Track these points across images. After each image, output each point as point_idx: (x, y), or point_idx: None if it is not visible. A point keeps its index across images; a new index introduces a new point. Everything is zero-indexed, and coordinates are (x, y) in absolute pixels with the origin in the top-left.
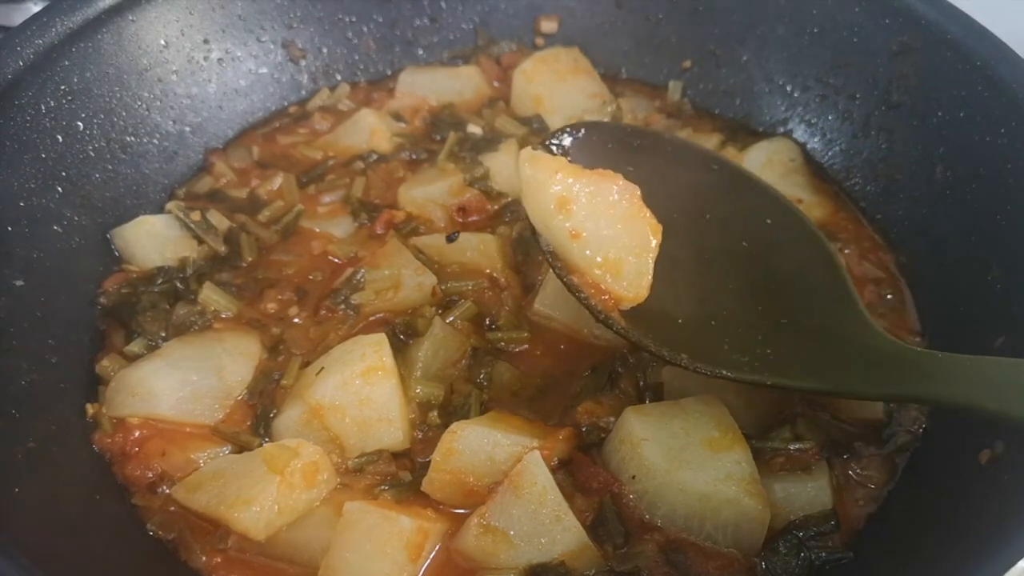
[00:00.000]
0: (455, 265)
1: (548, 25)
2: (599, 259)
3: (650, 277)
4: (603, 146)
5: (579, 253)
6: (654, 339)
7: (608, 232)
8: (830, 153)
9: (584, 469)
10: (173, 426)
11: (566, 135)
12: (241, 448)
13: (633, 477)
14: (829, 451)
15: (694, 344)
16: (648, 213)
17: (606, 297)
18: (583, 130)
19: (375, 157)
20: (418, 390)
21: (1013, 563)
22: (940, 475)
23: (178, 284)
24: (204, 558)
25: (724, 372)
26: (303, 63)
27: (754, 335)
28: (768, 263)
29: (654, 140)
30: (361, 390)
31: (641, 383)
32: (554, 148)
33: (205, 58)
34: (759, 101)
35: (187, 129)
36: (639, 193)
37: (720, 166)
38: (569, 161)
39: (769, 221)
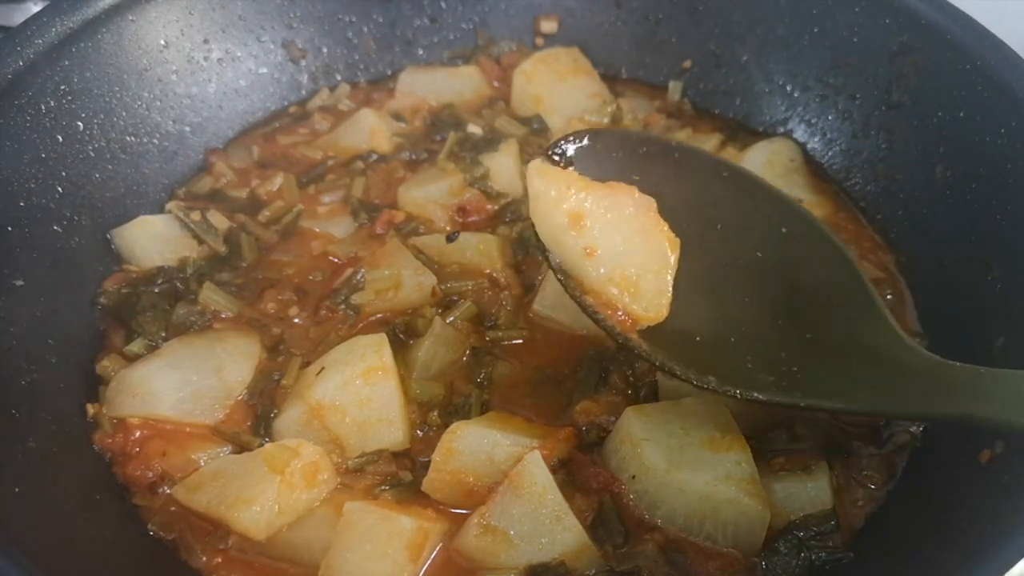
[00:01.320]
0: (455, 265)
1: (548, 25)
2: (616, 277)
3: (670, 295)
4: (608, 154)
5: (594, 272)
6: (678, 361)
7: (624, 248)
8: (830, 153)
9: (584, 469)
10: (173, 426)
11: (569, 143)
12: (241, 448)
13: (633, 477)
14: (829, 451)
15: (719, 365)
16: (665, 227)
17: (623, 317)
18: (587, 138)
19: (375, 157)
20: (418, 390)
21: (1013, 563)
22: (940, 475)
23: (178, 284)
24: (204, 558)
25: (756, 395)
26: (303, 63)
27: (778, 352)
28: (786, 274)
29: (661, 147)
30: (361, 390)
31: (631, 377)
32: (556, 157)
33: (205, 58)
34: (759, 101)
35: (187, 129)
36: (655, 206)
37: (730, 172)
38: (577, 172)
39: (784, 230)
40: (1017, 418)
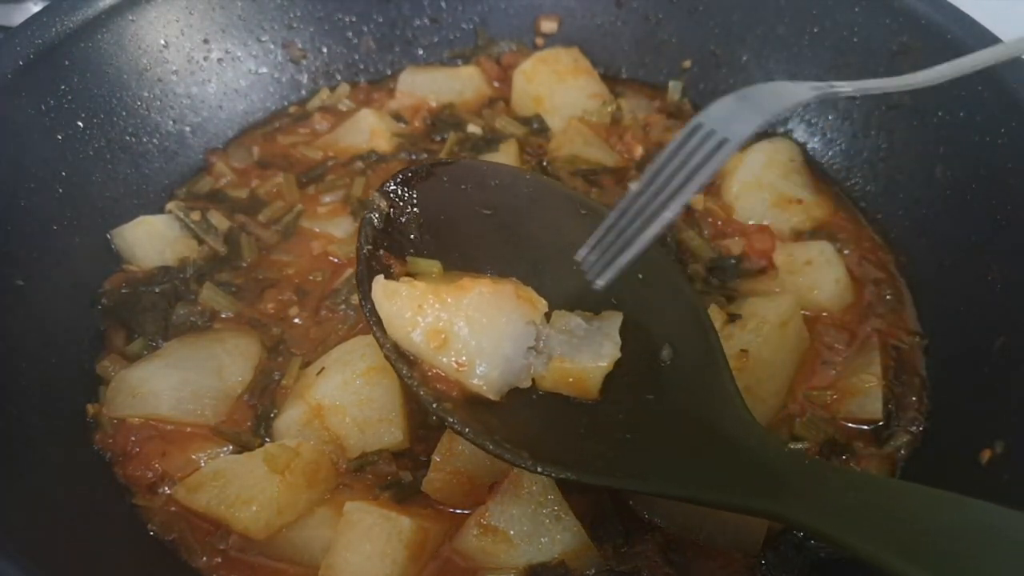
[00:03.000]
0: None
1: (548, 25)
2: (462, 359)
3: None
4: (456, 187)
5: (443, 359)
6: (496, 432)
7: (480, 336)
8: (830, 153)
9: None
10: (174, 426)
11: (402, 183)
12: (242, 448)
13: None
14: (829, 451)
15: (544, 433)
16: (530, 296)
17: (449, 387)
18: (433, 169)
19: (375, 157)
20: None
21: None
22: (940, 475)
23: (178, 284)
24: (204, 558)
25: (569, 475)
26: (303, 63)
27: (615, 413)
28: (637, 325)
29: (512, 179)
30: (361, 390)
31: None
32: (393, 196)
33: (205, 58)
34: None
35: (187, 129)
36: (510, 289)
37: (588, 211)
38: (417, 203)
39: (641, 276)
40: (819, 526)
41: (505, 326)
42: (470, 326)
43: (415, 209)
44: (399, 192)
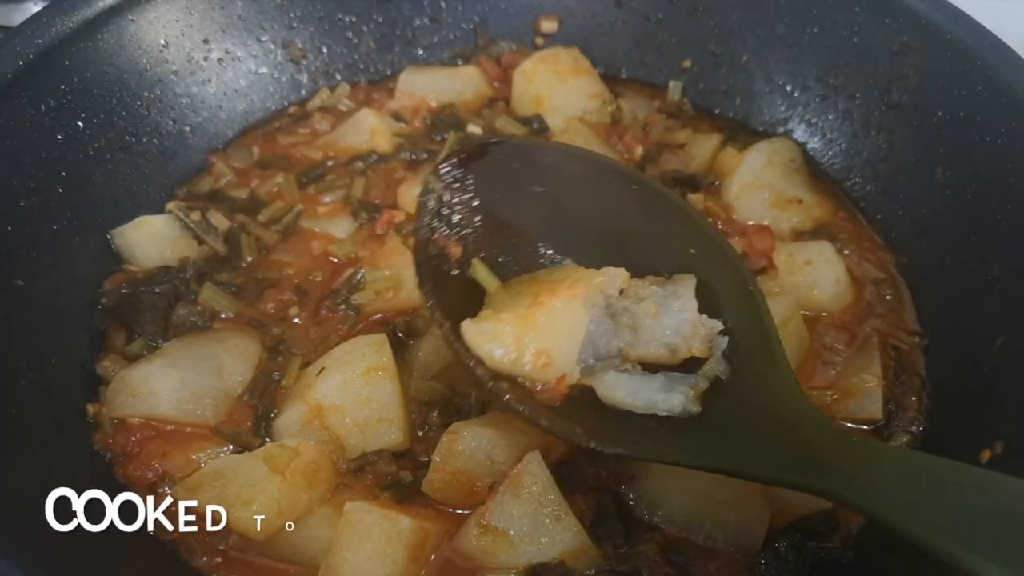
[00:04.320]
0: None
1: (548, 25)
2: (564, 368)
3: None
4: (508, 165)
5: (551, 375)
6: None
7: (577, 341)
8: (830, 153)
9: (584, 469)
10: (174, 426)
11: (456, 164)
12: (242, 448)
13: (633, 477)
14: None
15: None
16: (602, 278)
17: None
18: (485, 149)
19: (375, 157)
20: (418, 390)
21: None
22: None
23: (178, 284)
24: (204, 558)
25: (621, 451)
26: (303, 63)
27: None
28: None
29: (564, 156)
30: (362, 390)
31: None
32: (447, 177)
33: (205, 58)
34: (759, 101)
35: (187, 129)
36: (584, 285)
37: (640, 186)
38: (471, 184)
39: (693, 251)
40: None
41: (591, 322)
42: (564, 336)
43: (470, 190)
44: (453, 173)
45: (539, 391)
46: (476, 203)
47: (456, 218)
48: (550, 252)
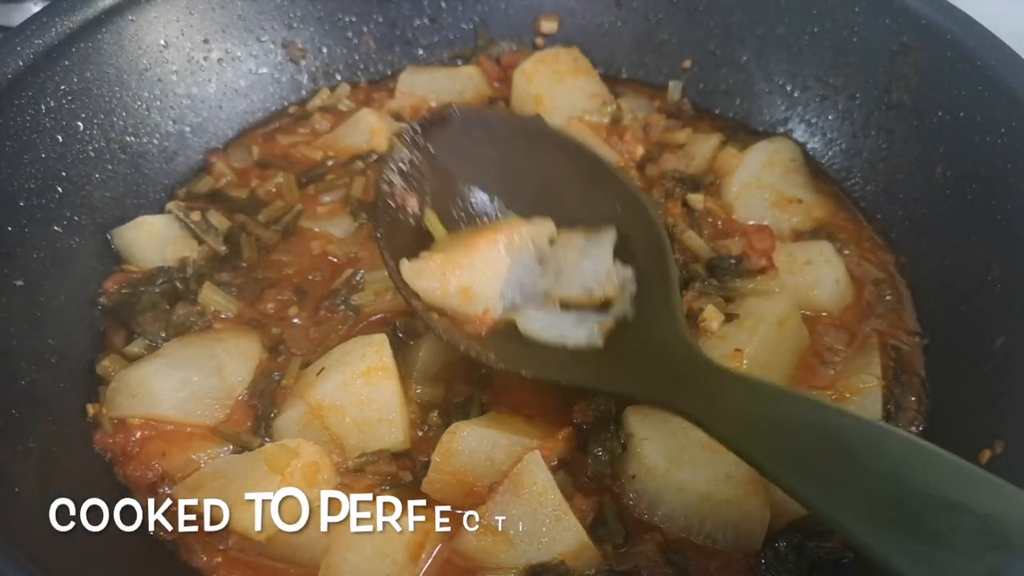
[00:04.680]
0: None
1: (548, 25)
2: (488, 303)
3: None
4: (465, 132)
5: (472, 308)
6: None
7: (502, 280)
8: (830, 153)
9: (584, 469)
10: (174, 426)
11: (418, 129)
12: (242, 448)
13: (633, 477)
14: None
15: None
16: (533, 228)
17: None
18: (446, 117)
19: (375, 157)
20: (418, 390)
21: None
22: None
23: (178, 284)
24: (204, 558)
25: (522, 371)
26: (303, 63)
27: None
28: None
29: (514, 125)
30: (361, 390)
31: None
32: (409, 140)
33: (205, 58)
34: (759, 101)
35: (187, 129)
36: (511, 229)
37: (578, 150)
38: (431, 147)
39: (618, 207)
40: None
41: (515, 263)
42: (487, 275)
43: (430, 152)
44: (416, 137)
45: (468, 325)
46: (434, 163)
47: (416, 175)
48: (496, 207)
